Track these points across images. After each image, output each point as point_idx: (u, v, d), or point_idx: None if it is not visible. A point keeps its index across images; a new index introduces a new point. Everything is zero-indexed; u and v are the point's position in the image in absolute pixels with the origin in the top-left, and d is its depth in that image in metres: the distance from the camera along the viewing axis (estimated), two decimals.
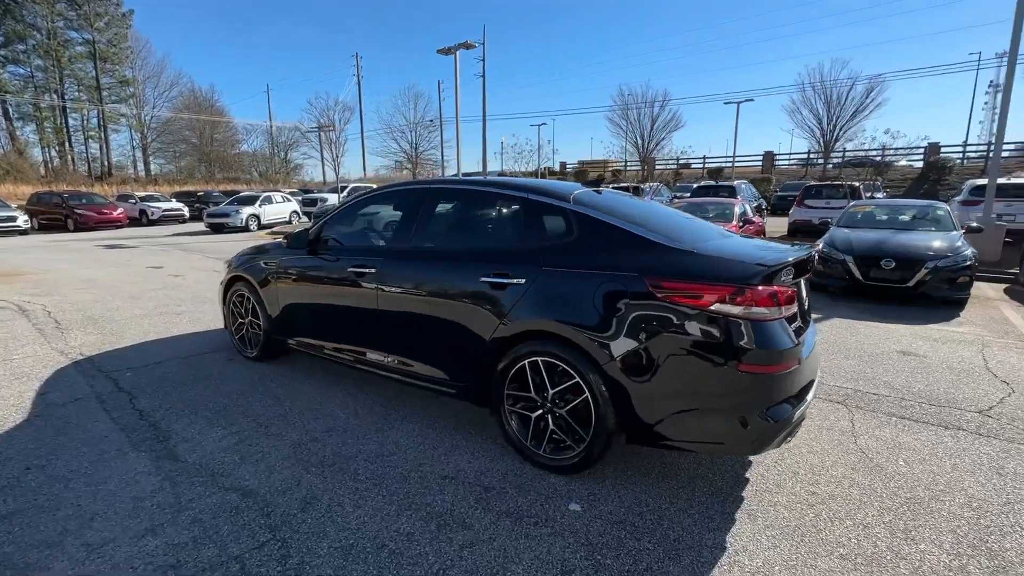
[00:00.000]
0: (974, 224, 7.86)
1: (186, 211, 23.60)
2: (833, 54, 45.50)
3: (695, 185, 20.13)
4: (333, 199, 22.79)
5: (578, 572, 1.94)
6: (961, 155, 29.03)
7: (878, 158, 26.86)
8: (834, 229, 7.95)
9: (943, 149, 28.21)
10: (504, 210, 3.03)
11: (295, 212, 21.84)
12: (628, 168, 37.74)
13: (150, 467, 2.67)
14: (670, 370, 2.22)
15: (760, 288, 2.13)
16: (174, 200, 24.81)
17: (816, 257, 2.88)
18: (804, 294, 2.71)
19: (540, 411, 2.62)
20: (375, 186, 25.34)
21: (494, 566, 1.98)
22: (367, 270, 3.26)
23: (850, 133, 30.02)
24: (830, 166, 30.23)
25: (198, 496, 2.41)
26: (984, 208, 10.19)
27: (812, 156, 31.45)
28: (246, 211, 19.10)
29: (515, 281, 2.63)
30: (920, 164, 28.00)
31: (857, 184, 13.63)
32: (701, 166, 34.27)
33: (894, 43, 71.71)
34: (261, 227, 19.67)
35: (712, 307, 2.14)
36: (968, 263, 6.37)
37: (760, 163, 33.12)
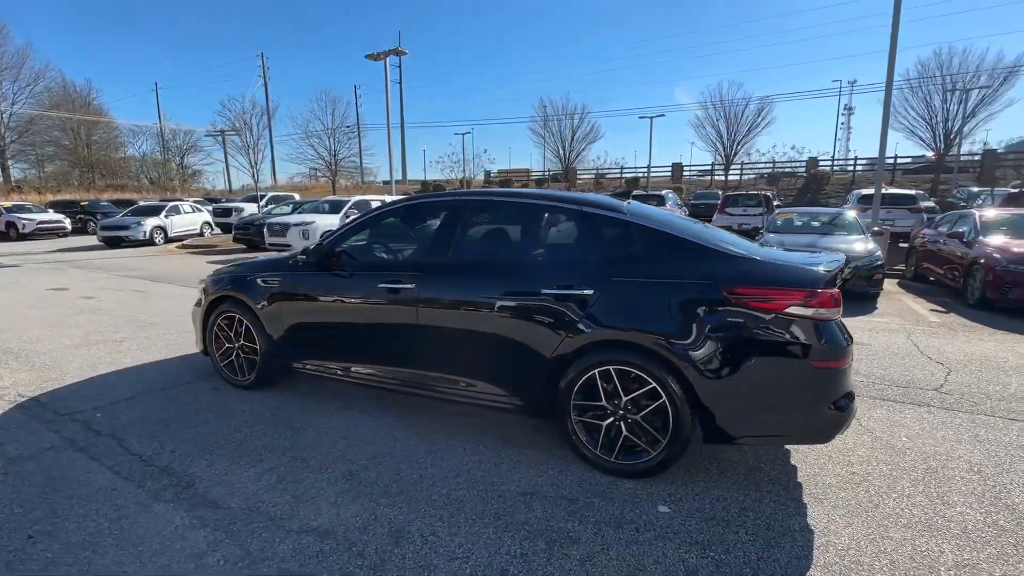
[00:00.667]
0: (876, 228, 9.15)
1: (68, 223, 20.63)
2: (731, 76, 51.27)
3: (622, 193, 21.33)
4: (251, 209, 21.11)
5: (702, 571, 2.02)
6: (831, 167, 33.55)
7: (770, 170, 30.23)
8: (766, 235, 8.84)
9: (820, 163, 32.38)
10: (557, 222, 3.06)
11: (207, 223, 19.94)
12: (551, 177, 38.97)
13: (189, 519, 2.35)
14: (749, 370, 2.39)
15: (825, 291, 2.37)
16: (51, 211, 21.59)
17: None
18: None
19: (611, 419, 2.68)
20: (296, 196, 23.83)
21: (623, 573, 2.00)
22: (403, 286, 3.12)
23: (747, 147, 33.58)
24: (732, 176, 33.46)
25: (268, 544, 2.17)
26: (872, 215, 11.86)
27: (715, 167, 34.60)
28: (150, 223, 17.11)
29: (582, 292, 2.67)
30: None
31: (768, 194, 15.28)
32: (619, 175, 36.30)
33: (782, 68, 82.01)
34: (168, 240, 17.72)
35: (787, 310, 2.34)
36: (880, 262, 7.42)
37: (669, 173, 35.79)
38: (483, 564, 2.06)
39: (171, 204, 18.90)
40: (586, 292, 2.66)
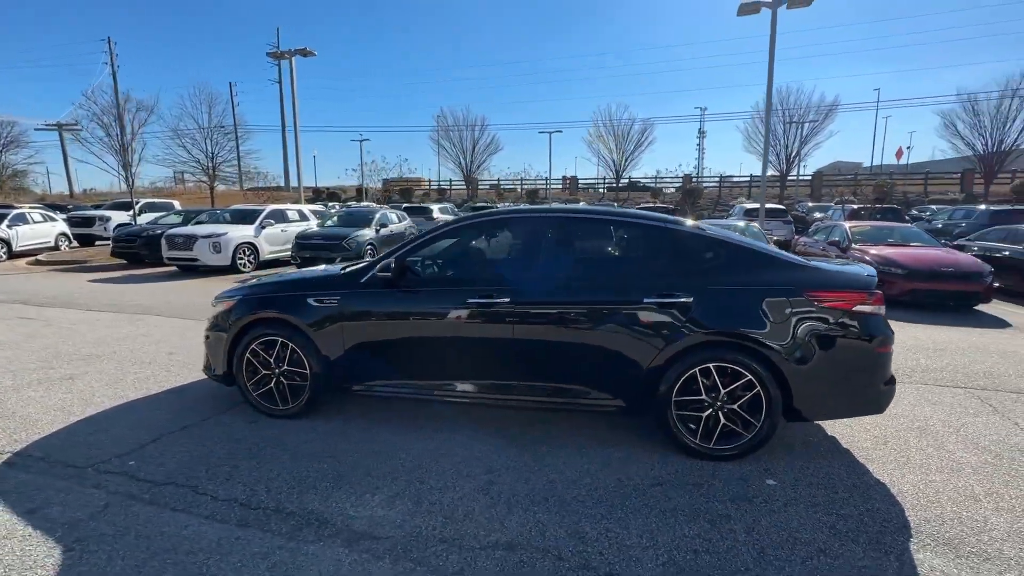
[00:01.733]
0: (775, 237, 10.87)
1: None
2: (619, 99, 57.11)
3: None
4: (119, 217, 18.24)
5: (839, 525, 2.46)
6: (697, 183, 38.35)
7: (653, 184, 33.70)
8: None
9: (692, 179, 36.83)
10: (647, 237, 3.35)
11: (64, 235, 16.78)
12: (453, 187, 39.10)
13: (356, 554, 2.22)
14: (829, 358, 2.92)
15: (878, 292, 2.99)
16: None
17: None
18: None
19: (710, 410, 3.05)
20: (176, 204, 20.99)
21: (784, 536, 2.36)
22: (497, 300, 3.19)
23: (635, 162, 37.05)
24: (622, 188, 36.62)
25: (466, 565, 2.16)
26: (759, 226, 13.99)
27: (606, 180, 37.59)
28: None
29: (683, 299, 3.01)
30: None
31: (673, 207, 17.17)
32: (520, 187, 37.65)
33: (659, 94, 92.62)
34: (13, 255, 14.62)
35: (855, 308, 2.92)
36: None
37: (565, 185, 38.01)
38: (673, 547, 2.28)
39: (16, 212, 15.59)
40: (687, 299, 3.01)
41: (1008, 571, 2.14)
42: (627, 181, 36.98)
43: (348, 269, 3.66)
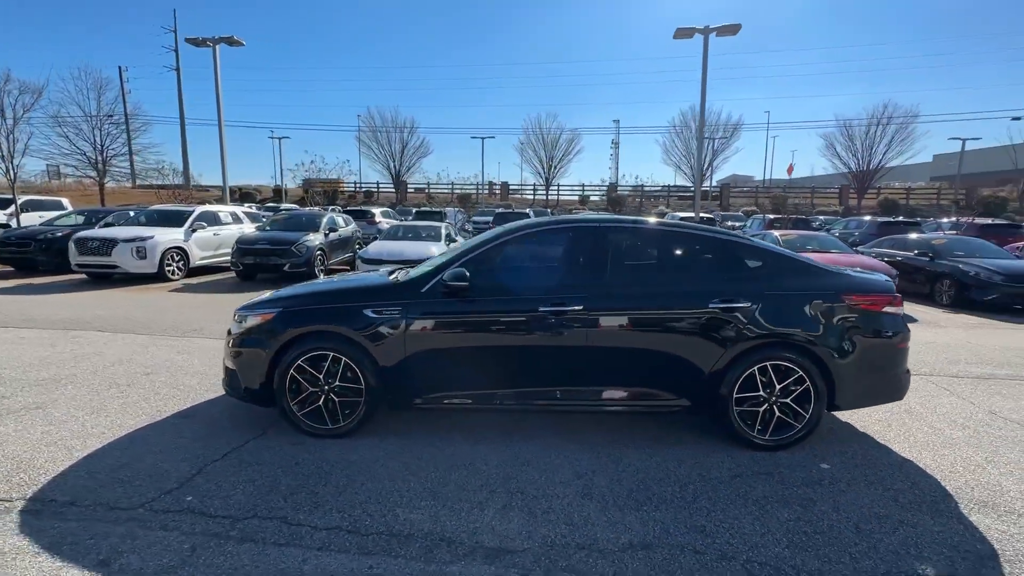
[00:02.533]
0: None
1: None
2: (548, 107, 59.28)
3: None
4: None
5: (901, 496, 2.83)
6: (617, 193, 40.57)
7: (580, 192, 35.17)
8: None
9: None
10: (706, 247, 3.58)
11: None
12: (381, 190, 37.88)
13: (504, 569, 2.20)
14: (863, 353, 3.33)
15: (899, 295, 3.47)
16: None
17: None
18: None
19: (766, 405, 3.34)
20: (66, 202, 18.29)
21: (866, 512, 2.68)
22: (571, 308, 3.26)
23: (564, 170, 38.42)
24: (551, 196, 37.74)
25: (619, 569, 2.21)
26: None
27: (536, 187, 38.54)
28: None
29: (745, 304, 3.28)
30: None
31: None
32: (449, 192, 37.39)
33: (587, 106, 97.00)
34: None
35: (883, 309, 3.36)
36: None
37: (497, 190, 38.40)
38: (785, 529, 2.50)
39: None
40: (748, 304, 3.28)
41: None
42: (556, 187, 38.29)
43: (403, 277, 3.54)
